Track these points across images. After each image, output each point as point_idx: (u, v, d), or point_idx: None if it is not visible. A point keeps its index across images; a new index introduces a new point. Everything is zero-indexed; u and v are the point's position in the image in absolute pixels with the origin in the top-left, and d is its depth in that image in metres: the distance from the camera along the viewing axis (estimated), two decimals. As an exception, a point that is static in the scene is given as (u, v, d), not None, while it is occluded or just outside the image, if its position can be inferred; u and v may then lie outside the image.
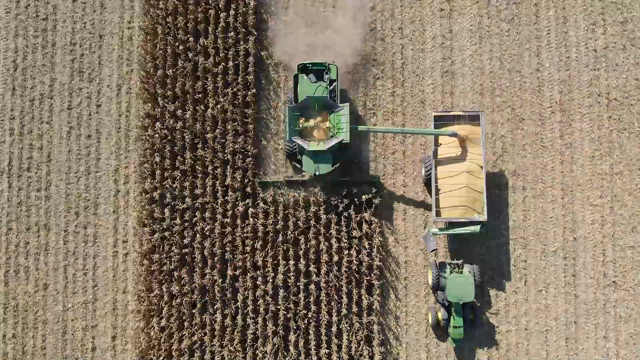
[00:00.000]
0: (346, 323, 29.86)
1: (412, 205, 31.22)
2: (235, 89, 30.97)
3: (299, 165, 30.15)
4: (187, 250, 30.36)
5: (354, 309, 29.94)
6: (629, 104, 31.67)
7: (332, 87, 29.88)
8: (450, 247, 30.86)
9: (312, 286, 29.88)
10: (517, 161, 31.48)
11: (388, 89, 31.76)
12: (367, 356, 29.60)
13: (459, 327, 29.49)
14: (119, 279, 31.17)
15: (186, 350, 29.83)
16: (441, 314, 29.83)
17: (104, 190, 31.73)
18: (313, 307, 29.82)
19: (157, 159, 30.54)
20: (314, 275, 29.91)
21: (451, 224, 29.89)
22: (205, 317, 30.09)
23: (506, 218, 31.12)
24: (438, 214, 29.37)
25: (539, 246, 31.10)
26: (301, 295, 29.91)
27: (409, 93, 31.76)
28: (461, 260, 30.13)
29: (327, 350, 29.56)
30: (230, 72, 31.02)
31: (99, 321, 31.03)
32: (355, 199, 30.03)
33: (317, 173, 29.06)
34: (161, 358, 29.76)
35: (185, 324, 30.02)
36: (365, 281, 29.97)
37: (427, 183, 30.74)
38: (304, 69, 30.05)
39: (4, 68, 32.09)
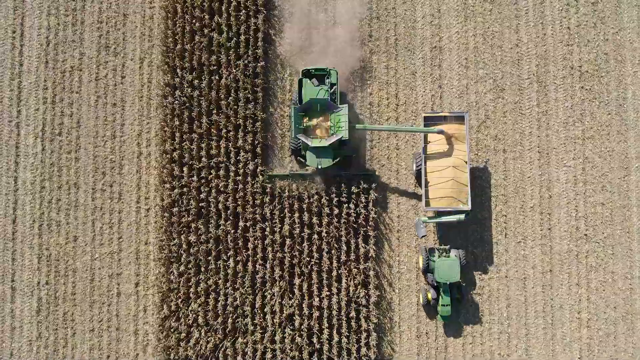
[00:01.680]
0: (345, 269, 32.20)
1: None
2: (246, 61, 33.21)
3: (303, 160, 32.29)
4: (203, 204, 32.55)
5: (352, 256, 32.25)
6: (599, 75, 34.13)
7: (332, 90, 32.08)
8: (439, 234, 33.27)
9: (315, 236, 32.18)
10: (499, 127, 33.92)
11: (383, 62, 34.34)
12: (364, 298, 32.01)
13: (447, 305, 31.59)
14: (141, 231, 33.53)
15: (202, 293, 32.03)
16: (431, 294, 32.01)
17: (128, 152, 33.99)
18: (315, 255, 32.06)
19: (177, 123, 32.71)
20: (316, 227, 32.25)
21: (439, 213, 31.97)
22: (220, 264, 32.27)
23: (488, 177, 33.57)
24: (427, 204, 31.54)
25: (518, 202, 33.55)
26: (305, 244, 32.15)
27: (402, 66, 34.30)
28: (448, 246, 32.35)
29: (328, 293, 31.92)
30: (241, 46, 33.26)
31: (124, 269, 33.40)
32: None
33: (319, 167, 31.17)
34: (180, 300, 32.04)
35: (202, 269, 32.27)
36: (362, 232, 32.35)
37: (418, 176, 32.93)
38: (307, 73, 32.20)
39: (38, 44, 34.43)
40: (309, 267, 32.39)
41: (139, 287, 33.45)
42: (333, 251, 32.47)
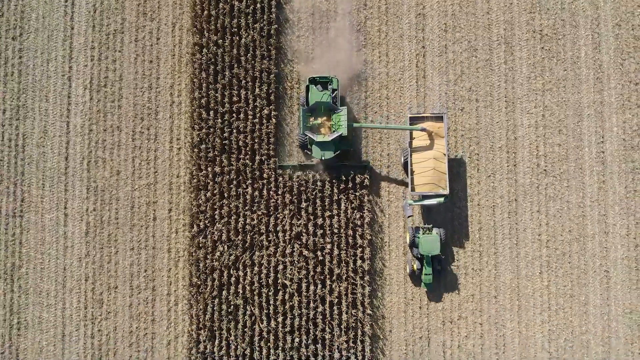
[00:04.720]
0: (344, 195, 37.55)
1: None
2: (262, 25, 38.58)
3: (309, 153, 37.30)
4: (226, 141, 37.67)
5: (350, 185, 37.56)
6: (556, 38, 39.41)
7: (334, 94, 36.56)
8: (424, 214, 38.28)
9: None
10: (472, 80, 39.24)
11: (375, 27, 39.95)
12: (359, 220, 37.29)
13: (429, 274, 36.17)
14: (173, 166, 38.82)
15: (225, 215, 37.32)
16: (416, 265, 36.56)
17: (162, 101, 39.25)
18: (319, 183, 37.58)
19: (204, 76, 38.03)
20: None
21: (423, 197, 36.38)
22: (240, 191, 37.47)
23: (464, 122, 38.95)
24: (413, 189, 36.09)
25: (488, 143, 38.73)
26: (310, 174, 37.73)
27: (391, 29, 39.78)
28: (431, 225, 36.88)
29: (329, 214, 37.26)
30: (257, 12, 38.69)
31: (159, 198, 38.62)
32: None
33: (323, 158, 35.88)
34: (207, 221, 37.32)
35: (225, 195, 37.44)
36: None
37: (405, 166, 37.49)
38: (313, 81, 37.17)
39: (86, 11, 39.93)
40: (314, 193, 37.56)
41: (171, 213, 38.75)
42: (334, 180, 37.85)
